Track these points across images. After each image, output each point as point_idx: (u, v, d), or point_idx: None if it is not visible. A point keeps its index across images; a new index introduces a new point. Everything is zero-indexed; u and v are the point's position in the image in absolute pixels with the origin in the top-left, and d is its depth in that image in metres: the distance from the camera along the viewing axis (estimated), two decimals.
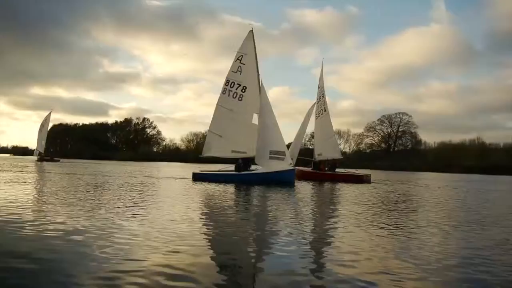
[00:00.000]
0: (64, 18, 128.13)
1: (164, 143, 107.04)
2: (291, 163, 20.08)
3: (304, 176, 24.04)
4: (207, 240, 5.86)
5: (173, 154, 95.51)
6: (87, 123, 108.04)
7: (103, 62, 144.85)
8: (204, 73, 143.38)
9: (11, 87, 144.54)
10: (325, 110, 25.92)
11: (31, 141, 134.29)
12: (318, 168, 25.41)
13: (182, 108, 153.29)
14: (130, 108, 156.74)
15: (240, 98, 20.56)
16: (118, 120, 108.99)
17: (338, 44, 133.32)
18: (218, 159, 22.42)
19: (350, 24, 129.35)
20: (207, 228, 7.06)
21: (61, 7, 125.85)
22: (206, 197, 12.51)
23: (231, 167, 20.29)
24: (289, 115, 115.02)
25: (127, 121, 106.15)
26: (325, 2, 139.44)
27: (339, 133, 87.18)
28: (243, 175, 19.85)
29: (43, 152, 53.49)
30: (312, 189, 18.02)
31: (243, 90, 20.56)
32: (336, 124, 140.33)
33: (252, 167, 20.79)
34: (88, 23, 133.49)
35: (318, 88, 26.65)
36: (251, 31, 20.87)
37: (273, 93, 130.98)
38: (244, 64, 20.64)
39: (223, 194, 13.40)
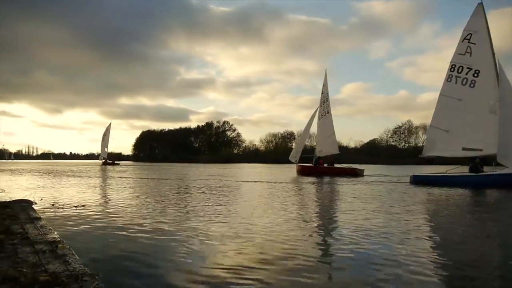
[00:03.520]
0: (144, 32, 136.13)
1: (244, 145, 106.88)
2: None
3: (305, 171, 26.63)
4: None
5: (253, 155, 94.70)
6: (172, 129, 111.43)
7: (180, 70, 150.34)
8: (275, 74, 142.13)
9: (102, 99, 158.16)
10: (328, 112, 27.66)
11: (124, 147, 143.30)
12: (318, 163, 27.27)
13: (257, 110, 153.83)
14: (208, 112, 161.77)
15: (472, 85, 17.14)
16: (200, 124, 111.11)
17: (411, 34, 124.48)
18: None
19: (423, 11, 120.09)
20: None
21: (140, 23, 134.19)
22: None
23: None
24: (366, 112, 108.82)
25: (208, 125, 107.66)
26: None
27: (424, 128, 79.56)
28: (482, 177, 16.44)
29: (106, 157, 58.80)
30: None
31: (475, 75, 17.10)
32: (418, 118, 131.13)
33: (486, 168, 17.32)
34: (164, 35, 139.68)
35: (322, 93, 28.53)
36: (481, 3, 17.35)
37: (347, 90, 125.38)
38: (474, 43, 17.18)
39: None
